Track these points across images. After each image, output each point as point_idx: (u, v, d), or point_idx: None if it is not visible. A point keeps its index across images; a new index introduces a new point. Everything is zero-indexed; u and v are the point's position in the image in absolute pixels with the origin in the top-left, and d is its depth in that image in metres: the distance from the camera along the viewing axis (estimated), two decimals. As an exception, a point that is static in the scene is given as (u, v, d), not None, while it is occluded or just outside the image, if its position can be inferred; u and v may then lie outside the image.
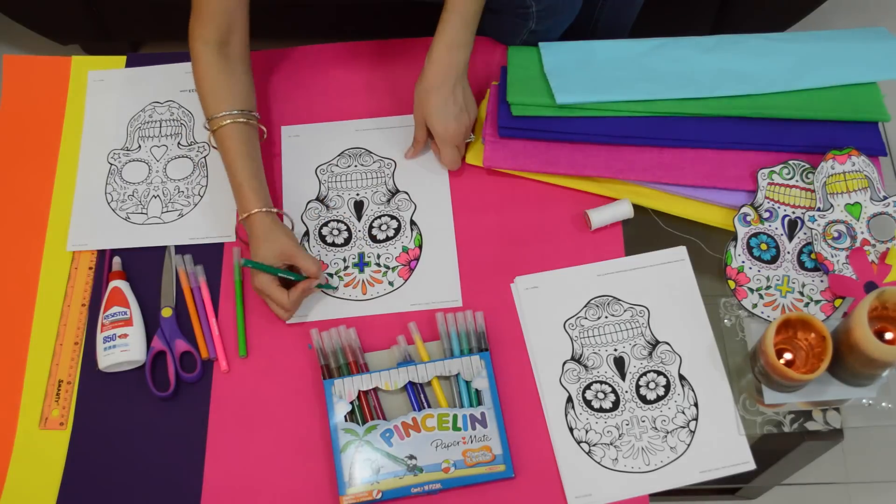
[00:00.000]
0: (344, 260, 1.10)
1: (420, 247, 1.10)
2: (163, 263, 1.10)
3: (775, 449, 0.99)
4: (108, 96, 1.23)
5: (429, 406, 0.99)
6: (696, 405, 0.99)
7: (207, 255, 1.10)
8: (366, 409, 0.99)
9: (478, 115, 1.14)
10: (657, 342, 1.02)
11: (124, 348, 1.02)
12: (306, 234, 1.11)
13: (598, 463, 0.96)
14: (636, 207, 1.09)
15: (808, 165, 1.09)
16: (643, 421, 0.98)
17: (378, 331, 1.04)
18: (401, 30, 1.25)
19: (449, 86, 1.06)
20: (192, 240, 1.11)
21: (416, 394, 0.99)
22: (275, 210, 1.04)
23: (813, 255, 1.05)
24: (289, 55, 1.25)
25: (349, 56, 1.24)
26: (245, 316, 1.06)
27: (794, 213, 1.07)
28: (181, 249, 1.11)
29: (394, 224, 1.12)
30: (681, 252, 1.08)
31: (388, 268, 1.09)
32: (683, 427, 0.97)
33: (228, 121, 1.05)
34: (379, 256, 1.10)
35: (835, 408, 0.98)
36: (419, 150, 1.15)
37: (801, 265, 1.05)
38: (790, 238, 1.06)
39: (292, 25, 1.69)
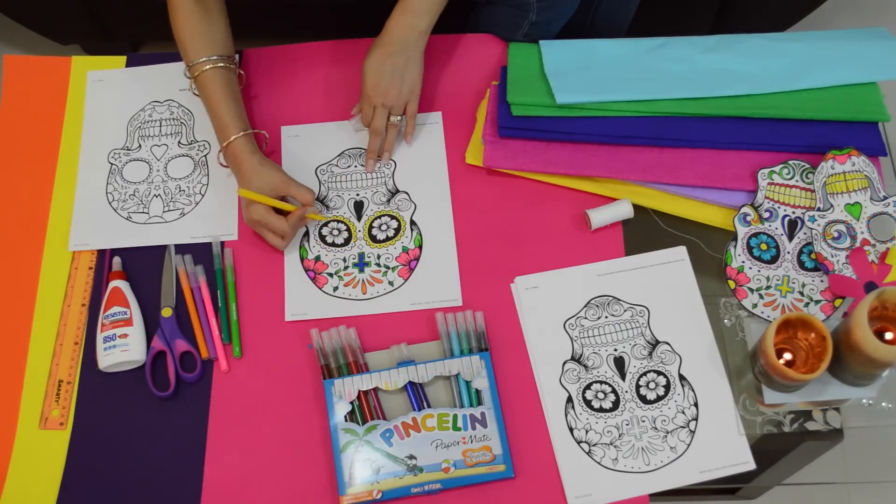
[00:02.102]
0: (344, 260, 1.10)
1: (420, 247, 1.10)
2: (163, 263, 1.10)
3: (775, 449, 0.99)
4: (107, 96, 1.23)
5: (429, 406, 0.99)
6: (696, 405, 0.99)
7: (209, 254, 1.10)
8: (366, 409, 0.99)
9: (419, 92, 1.12)
10: (657, 342, 1.02)
11: (124, 348, 1.02)
12: (306, 234, 1.11)
13: (598, 463, 0.96)
14: (636, 207, 1.09)
15: (808, 165, 1.09)
16: (643, 421, 0.98)
17: (378, 331, 1.04)
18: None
19: (396, 48, 1.07)
20: (194, 239, 1.11)
21: (416, 394, 0.99)
22: (256, 131, 1.09)
23: (813, 255, 1.05)
24: (289, 54, 1.25)
25: (350, 55, 1.23)
26: (239, 316, 1.06)
27: (794, 213, 1.07)
28: (182, 249, 1.11)
29: (394, 224, 1.12)
30: (681, 252, 1.08)
31: (388, 268, 1.09)
32: (683, 427, 0.97)
33: (209, 66, 1.08)
34: (379, 256, 1.10)
35: (835, 408, 0.98)
36: (357, 113, 1.16)
37: (801, 265, 1.05)
38: (790, 238, 1.06)
39: (292, 25, 1.69)
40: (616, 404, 0.99)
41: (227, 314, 1.06)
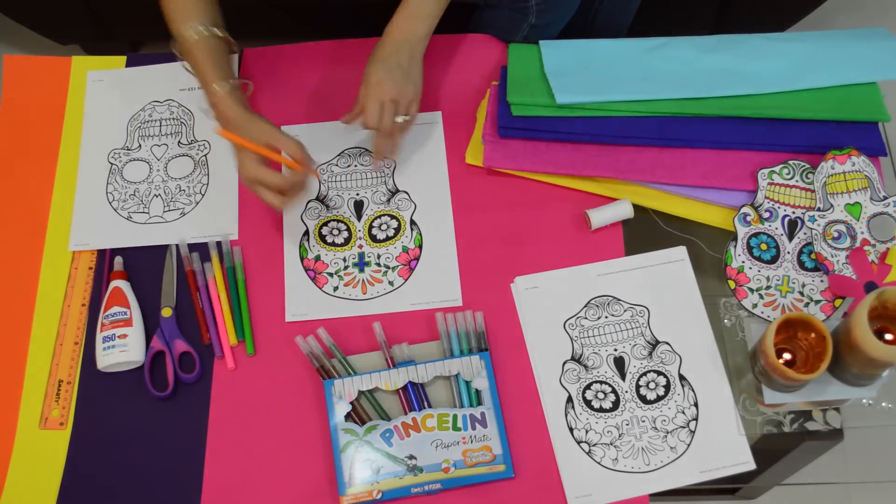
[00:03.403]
0: (344, 260, 1.10)
1: (420, 246, 1.10)
2: (163, 263, 1.10)
3: (775, 449, 0.99)
4: (107, 96, 1.23)
5: (429, 406, 0.99)
6: (696, 405, 0.99)
7: (209, 254, 1.10)
8: (365, 409, 0.99)
9: (421, 94, 1.10)
10: (657, 342, 1.02)
11: (123, 348, 1.02)
12: (306, 233, 1.11)
13: (598, 463, 0.96)
14: (636, 207, 1.09)
15: (808, 165, 1.09)
16: (643, 421, 0.98)
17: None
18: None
19: (399, 48, 1.06)
20: (194, 238, 1.11)
21: (417, 394, 0.99)
22: (242, 80, 1.05)
23: (813, 255, 1.05)
24: (289, 54, 1.25)
25: (350, 55, 1.23)
26: (243, 316, 1.06)
27: (794, 213, 1.07)
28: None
29: (394, 224, 1.12)
30: (681, 252, 1.08)
31: (388, 267, 1.09)
32: (683, 427, 0.97)
33: (196, 36, 1.04)
34: (379, 256, 1.10)
35: (835, 408, 0.98)
36: (355, 116, 1.10)
37: (801, 265, 1.05)
38: (790, 238, 1.06)
39: (292, 25, 1.69)
40: (616, 404, 0.99)
41: (240, 311, 1.06)
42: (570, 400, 0.99)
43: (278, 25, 1.67)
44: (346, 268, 1.09)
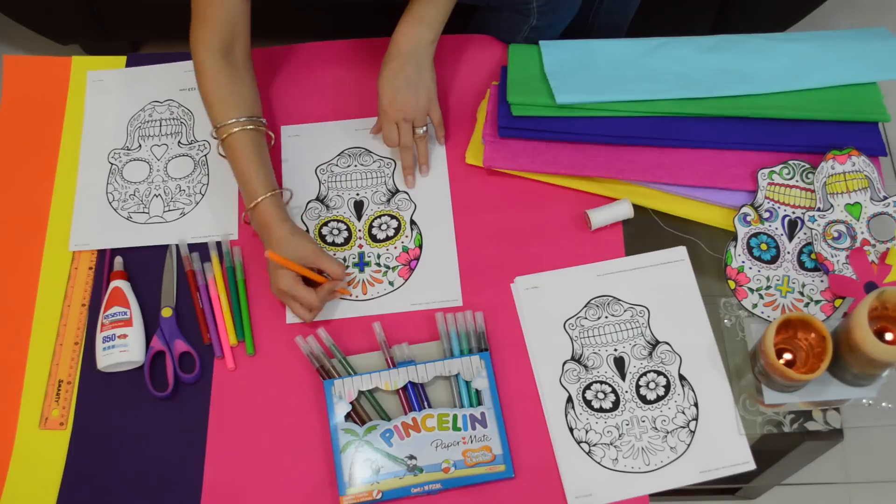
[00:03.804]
0: (344, 260, 1.10)
1: (420, 246, 1.10)
2: (163, 263, 1.10)
3: (775, 449, 0.99)
4: (107, 96, 1.23)
5: (429, 406, 0.99)
6: (696, 405, 0.99)
7: (209, 254, 1.10)
8: (365, 409, 0.99)
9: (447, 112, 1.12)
10: (657, 342, 1.02)
11: (123, 348, 1.02)
12: (306, 233, 1.11)
13: (598, 463, 0.96)
14: (636, 207, 1.09)
15: (808, 165, 1.09)
16: (643, 421, 0.98)
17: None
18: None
19: (405, 59, 1.05)
20: (194, 238, 1.11)
21: (417, 394, 0.99)
22: (281, 189, 1.06)
23: (813, 255, 1.05)
24: (288, 54, 1.25)
25: (349, 55, 1.23)
26: (243, 316, 1.06)
27: (794, 213, 1.07)
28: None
29: (394, 224, 1.12)
30: (681, 252, 1.08)
31: (388, 267, 1.09)
32: (683, 427, 0.97)
33: (237, 128, 1.03)
34: (379, 256, 1.10)
35: (835, 408, 0.98)
36: (377, 132, 1.14)
37: (802, 265, 1.05)
38: (790, 238, 1.06)
39: (292, 25, 1.69)
40: (616, 404, 0.99)
41: (240, 311, 1.06)
42: (570, 400, 0.99)
43: (279, 25, 1.67)
44: (345, 268, 1.09)
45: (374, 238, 1.11)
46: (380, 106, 1.08)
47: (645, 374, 1.00)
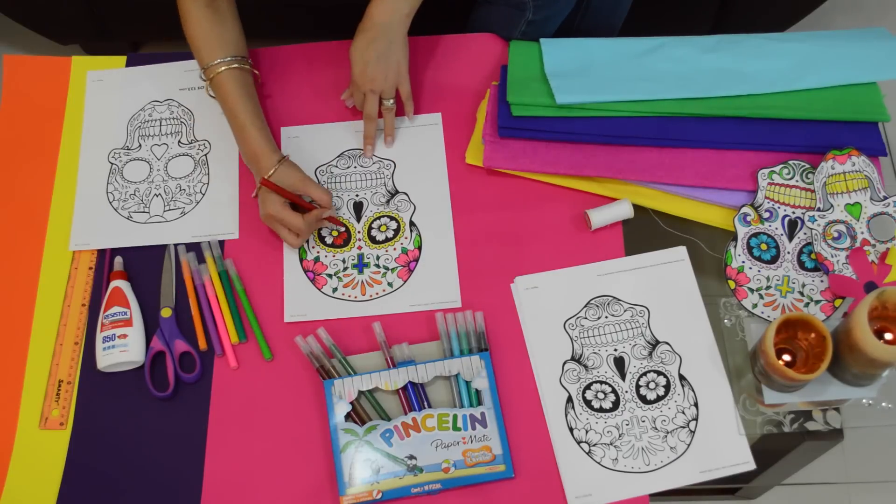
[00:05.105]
0: (343, 261, 1.10)
1: (419, 248, 1.10)
2: (163, 263, 1.10)
3: (775, 449, 0.99)
4: (107, 96, 1.23)
5: (429, 406, 0.99)
6: (696, 405, 0.99)
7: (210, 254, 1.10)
8: (365, 409, 0.99)
9: (408, 85, 1.13)
10: (657, 342, 1.02)
11: (123, 348, 1.02)
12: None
13: (598, 463, 0.96)
14: (636, 207, 1.09)
15: (808, 165, 1.09)
16: (643, 421, 0.98)
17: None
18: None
19: (378, 32, 1.07)
20: (195, 238, 1.11)
21: (417, 394, 0.99)
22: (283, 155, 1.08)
23: (813, 255, 1.05)
24: (288, 55, 1.25)
25: (349, 56, 1.23)
26: (242, 317, 1.06)
27: (794, 213, 1.07)
28: (185, 248, 1.11)
29: (393, 225, 1.12)
30: (681, 252, 1.08)
31: (387, 269, 1.09)
32: (683, 427, 0.97)
33: (223, 67, 1.08)
34: (378, 257, 1.10)
35: (835, 408, 0.98)
36: (350, 97, 1.17)
37: (801, 265, 1.05)
38: (790, 238, 1.06)
39: (293, 25, 1.69)
40: (616, 404, 0.99)
41: (241, 312, 1.06)
42: (570, 400, 0.99)
43: (278, 25, 1.67)
44: (345, 269, 1.09)
45: (373, 239, 1.11)
46: (352, 74, 1.11)
47: (645, 374, 1.00)
